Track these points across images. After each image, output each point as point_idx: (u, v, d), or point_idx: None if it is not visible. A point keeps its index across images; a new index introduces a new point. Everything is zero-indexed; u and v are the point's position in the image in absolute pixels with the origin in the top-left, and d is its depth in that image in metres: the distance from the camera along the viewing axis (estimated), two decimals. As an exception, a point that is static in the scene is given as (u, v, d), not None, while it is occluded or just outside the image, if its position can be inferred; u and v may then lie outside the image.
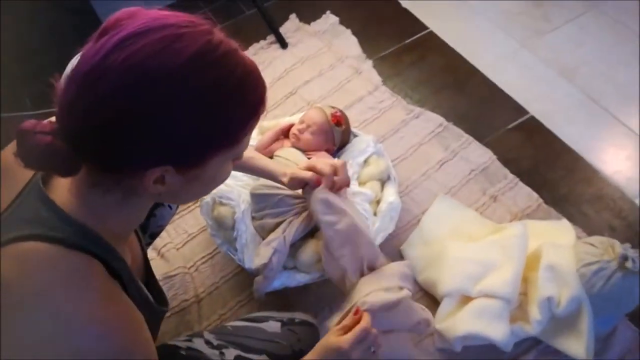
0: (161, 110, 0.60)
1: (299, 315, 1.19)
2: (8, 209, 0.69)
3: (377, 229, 1.30)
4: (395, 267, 1.18)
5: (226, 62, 0.63)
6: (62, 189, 0.69)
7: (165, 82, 0.59)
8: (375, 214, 1.35)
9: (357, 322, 1.00)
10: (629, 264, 1.10)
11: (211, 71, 0.61)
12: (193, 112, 0.61)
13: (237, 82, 0.64)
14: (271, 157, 1.42)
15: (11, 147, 0.66)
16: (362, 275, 1.17)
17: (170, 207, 1.04)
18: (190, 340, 1.04)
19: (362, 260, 1.16)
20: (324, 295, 1.33)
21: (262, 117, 0.70)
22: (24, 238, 0.63)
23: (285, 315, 1.17)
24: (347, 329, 0.98)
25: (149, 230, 1.04)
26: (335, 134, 1.43)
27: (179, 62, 0.59)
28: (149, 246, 1.07)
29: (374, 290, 1.11)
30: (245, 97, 0.66)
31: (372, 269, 1.18)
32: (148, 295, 0.82)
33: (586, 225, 1.47)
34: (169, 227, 1.53)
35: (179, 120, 0.61)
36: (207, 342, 1.03)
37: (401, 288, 1.13)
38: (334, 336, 0.97)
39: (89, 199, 0.68)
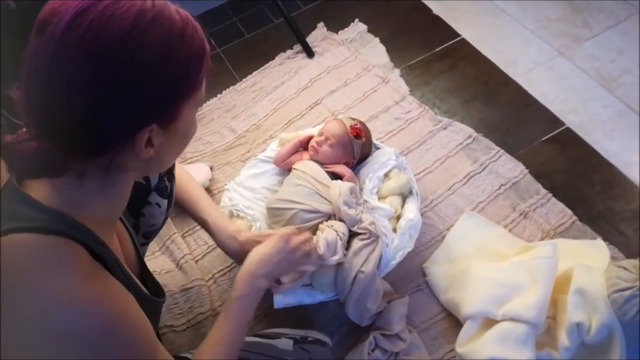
0: (130, 74, 0.63)
1: (312, 334, 1.16)
2: None
3: (396, 247, 1.26)
4: None
5: (165, 15, 0.66)
6: (40, 184, 0.71)
7: (123, 46, 0.62)
8: (394, 231, 1.30)
9: None
10: (665, 292, 1.02)
11: (156, 25, 0.64)
12: (157, 67, 0.65)
13: (181, 31, 0.67)
14: (289, 170, 1.40)
15: None
16: None
17: (158, 205, 1.04)
18: None
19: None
20: (342, 313, 1.28)
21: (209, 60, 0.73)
22: (1, 234, 0.65)
23: (299, 333, 1.14)
24: None
25: (141, 230, 1.05)
26: (355, 147, 1.39)
27: (128, 24, 0.62)
28: (145, 246, 1.09)
29: None
30: (192, 41, 0.69)
31: None
32: (139, 284, 0.84)
33: (624, 245, 1.38)
34: (189, 239, 1.53)
35: (147, 77, 0.64)
36: None
37: None
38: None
39: (67, 188, 0.70)
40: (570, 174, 1.55)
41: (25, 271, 0.63)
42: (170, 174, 1.06)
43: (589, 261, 1.25)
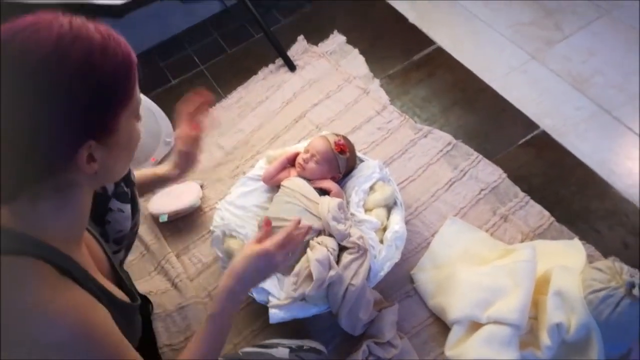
0: (55, 97, 0.66)
1: (308, 343, 1.22)
2: None
3: (383, 258, 1.31)
4: None
5: (83, 34, 0.69)
6: (2, 211, 0.75)
7: (46, 72, 0.66)
8: (381, 242, 1.35)
9: (269, 233, 1.05)
10: (635, 292, 1.08)
11: (76, 46, 0.68)
12: (82, 86, 0.68)
13: (102, 45, 0.70)
14: (278, 187, 1.45)
15: None
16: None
17: (121, 210, 1.08)
18: None
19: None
20: (336, 324, 1.33)
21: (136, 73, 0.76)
22: None
23: (295, 342, 1.20)
24: (261, 240, 1.03)
25: (110, 237, 1.08)
26: (340, 162, 1.44)
27: (49, 50, 0.66)
28: (119, 253, 1.12)
29: None
30: (115, 55, 0.72)
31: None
32: (110, 292, 0.87)
33: (599, 243, 1.44)
34: (183, 258, 1.58)
35: (74, 98, 0.68)
36: None
37: None
38: (252, 246, 1.01)
39: (27, 211, 0.74)
40: (546, 176, 1.61)
41: None
42: (127, 179, 1.10)
43: (567, 261, 1.31)
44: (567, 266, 1.27)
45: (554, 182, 1.59)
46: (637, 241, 1.44)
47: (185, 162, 1.27)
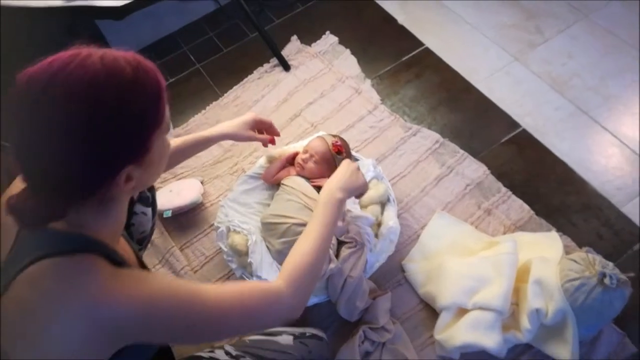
0: (93, 135, 0.72)
1: (310, 330, 1.31)
2: (11, 250, 0.83)
3: (379, 251, 1.42)
4: None
5: (116, 71, 0.74)
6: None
7: (83, 113, 0.71)
8: (376, 236, 1.46)
9: None
10: (607, 281, 1.20)
11: (109, 83, 0.73)
12: (116, 122, 0.74)
13: (133, 79, 0.76)
14: (278, 185, 1.54)
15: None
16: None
17: (144, 213, 1.18)
18: (212, 352, 1.18)
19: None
20: (334, 311, 1.44)
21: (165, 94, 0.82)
22: (29, 263, 0.76)
23: (298, 330, 1.30)
24: None
25: (134, 238, 1.18)
26: (337, 162, 1.54)
27: (84, 92, 0.71)
28: (140, 252, 1.21)
29: None
30: (145, 86, 0.77)
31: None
32: None
33: (575, 234, 1.57)
34: (187, 251, 1.66)
35: (110, 134, 0.74)
36: (227, 353, 1.17)
37: None
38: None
39: (80, 217, 0.82)
40: (527, 172, 1.73)
41: (59, 288, 0.75)
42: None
43: (545, 252, 1.43)
44: (546, 257, 1.39)
45: (534, 178, 1.71)
46: (610, 233, 1.57)
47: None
